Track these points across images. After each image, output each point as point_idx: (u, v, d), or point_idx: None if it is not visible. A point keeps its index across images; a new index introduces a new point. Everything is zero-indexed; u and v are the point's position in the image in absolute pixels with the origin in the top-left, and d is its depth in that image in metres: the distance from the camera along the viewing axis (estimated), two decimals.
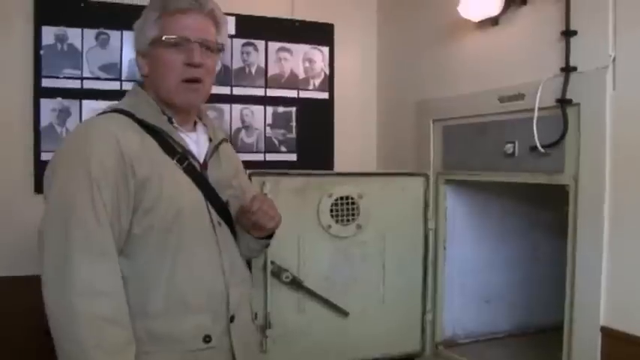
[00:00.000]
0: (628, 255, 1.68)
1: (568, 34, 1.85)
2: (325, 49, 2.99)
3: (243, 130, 2.81)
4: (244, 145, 2.81)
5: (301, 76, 2.94)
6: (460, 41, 2.39)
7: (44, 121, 2.45)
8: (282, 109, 2.90)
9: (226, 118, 2.78)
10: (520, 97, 2.03)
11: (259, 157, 2.83)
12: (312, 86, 2.97)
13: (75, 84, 2.50)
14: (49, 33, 2.45)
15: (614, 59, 1.72)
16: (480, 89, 2.25)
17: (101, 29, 2.54)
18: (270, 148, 2.87)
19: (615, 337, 1.70)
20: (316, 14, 2.93)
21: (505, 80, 2.12)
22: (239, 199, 1.58)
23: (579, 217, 1.82)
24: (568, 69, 1.85)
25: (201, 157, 1.50)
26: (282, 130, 2.90)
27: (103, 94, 2.53)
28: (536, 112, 1.92)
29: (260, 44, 2.81)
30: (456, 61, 2.43)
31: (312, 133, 2.97)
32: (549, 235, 2.62)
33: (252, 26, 2.77)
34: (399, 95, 2.90)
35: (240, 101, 2.81)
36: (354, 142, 3.05)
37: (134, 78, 2.59)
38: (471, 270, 2.57)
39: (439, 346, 2.51)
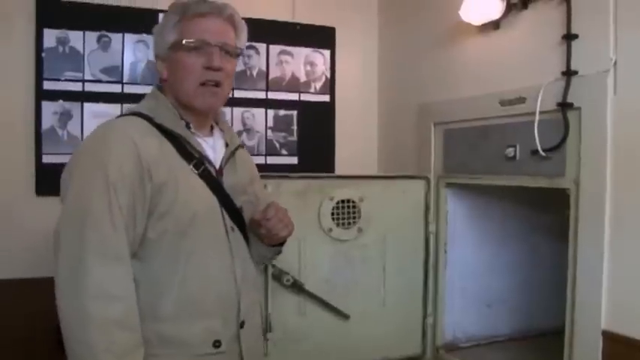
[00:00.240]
0: (629, 258, 1.68)
1: (569, 37, 1.86)
2: (326, 52, 2.99)
3: (244, 133, 2.81)
4: (245, 148, 2.80)
5: (302, 79, 2.94)
6: (461, 45, 2.39)
7: (45, 124, 2.45)
8: (283, 112, 2.90)
9: (227, 120, 2.77)
10: (521, 100, 2.03)
11: (260, 160, 2.82)
12: (313, 89, 2.97)
13: (76, 86, 2.50)
14: (50, 35, 2.46)
15: (615, 63, 1.72)
16: (481, 93, 2.25)
17: (103, 32, 2.54)
18: (271, 151, 2.87)
19: (616, 341, 1.70)
20: (317, 17, 2.93)
21: (506, 84, 2.13)
22: (253, 204, 1.58)
23: (580, 221, 1.82)
24: (569, 73, 1.85)
25: (217, 163, 1.50)
26: (283, 133, 2.90)
27: (104, 96, 2.54)
28: (538, 115, 1.92)
29: (261, 47, 2.82)
30: (457, 65, 2.43)
31: (313, 136, 2.97)
32: (550, 239, 2.62)
33: (254, 29, 2.71)
34: (400, 98, 2.90)
35: (242, 104, 2.81)
36: (355, 145, 3.05)
37: (135, 81, 2.60)
38: (472, 273, 2.57)
39: (440, 350, 2.51)
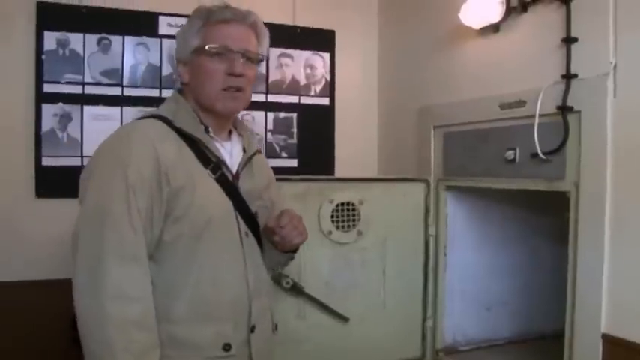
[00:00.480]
0: (629, 261, 1.68)
1: (569, 41, 1.86)
2: (326, 55, 2.99)
3: None
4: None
5: (302, 82, 2.95)
6: (461, 48, 2.40)
7: (45, 126, 2.45)
8: (283, 114, 2.90)
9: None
10: (521, 103, 2.04)
11: None
12: (313, 92, 2.97)
13: (76, 89, 2.50)
14: (50, 38, 2.46)
15: (614, 66, 1.72)
16: (481, 96, 2.25)
17: (103, 34, 2.55)
18: (271, 153, 2.87)
19: (616, 344, 1.69)
20: (317, 20, 2.94)
21: (506, 87, 2.13)
22: (268, 210, 1.60)
23: (580, 224, 1.82)
24: (569, 76, 1.85)
25: (234, 168, 1.51)
26: (283, 136, 2.90)
27: (104, 99, 2.54)
28: (537, 118, 1.92)
29: None
30: (457, 68, 2.43)
31: (313, 138, 2.97)
32: (550, 242, 2.62)
33: None
34: (400, 101, 2.91)
35: None
36: (354, 147, 3.05)
37: (135, 84, 2.60)
38: (472, 276, 2.57)
39: (439, 353, 2.50)
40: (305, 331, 2.27)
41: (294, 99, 2.93)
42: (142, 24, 2.61)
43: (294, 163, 2.92)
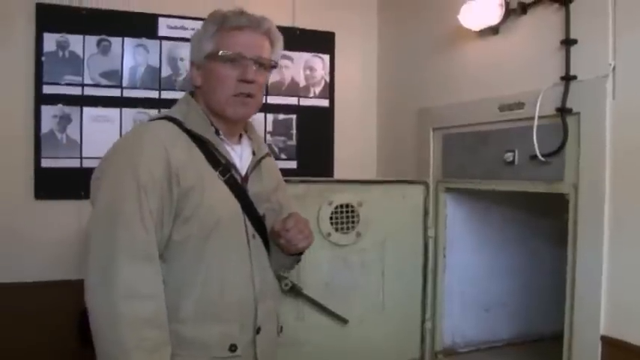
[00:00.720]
0: (628, 263, 1.68)
1: (568, 43, 1.86)
2: (326, 56, 3.00)
3: None
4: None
5: (302, 84, 2.95)
6: (460, 50, 2.40)
7: (45, 128, 2.45)
8: (282, 116, 2.91)
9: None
10: (520, 105, 2.04)
11: None
12: (312, 94, 2.97)
13: (76, 91, 2.50)
14: (50, 40, 2.46)
15: (614, 68, 1.72)
16: (480, 97, 2.25)
17: (103, 36, 2.55)
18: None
19: (615, 346, 1.69)
20: (317, 22, 2.94)
21: (505, 89, 2.13)
22: (275, 212, 1.61)
23: (579, 226, 1.82)
24: (568, 78, 1.86)
25: (243, 170, 1.52)
26: (282, 138, 2.90)
27: (103, 100, 2.54)
28: (536, 120, 1.92)
29: None
30: (456, 70, 2.44)
31: (313, 140, 2.97)
32: (549, 244, 2.62)
33: None
34: (399, 103, 2.91)
35: None
36: (354, 149, 3.05)
37: (135, 85, 2.60)
38: (471, 278, 2.57)
39: (438, 355, 2.50)
40: (304, 333, 2.27)
41: (293, 100, 2.93)
42: (142, 26, 2.61)
43: (293, 164, 2.92)
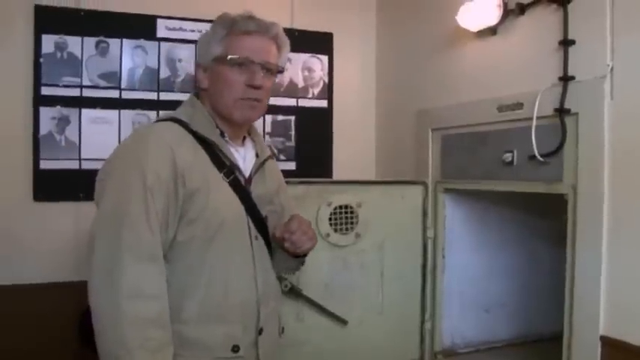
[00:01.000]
0: (627, 263, 1.68)
1: (566, 43, 1.86)
2: (324, 57, 3.00)
3: None
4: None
5: (300, 85, 2.95)
6: (459, 50, 2.40)
7: (43, 130, 2.45)
8: (281, 117, 2.91)
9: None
10: (519, 106, 2.04)
11: None
12: (311, 95, 2.97)
13: (74, 92, 2.50)
14: (48, 41, 2.46)
15: (612, 69, 1.73)
16: (479, 98, 2.26)
17: (101, 37, 2.54)
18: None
19: (615, 347, 1.69)
20: (315, 23, 2.94)
21: (504, 89, 2.13)
22: (278, 214, 1.62)
23: (578, 226, 1.82)
24: (566, 78, 1.86)
25: (247, 172, 1.53)
26: (281, 139, 2.90)
27: (102, 102, 2.54)
28: (535, 121, 1.92)
29: None
30: (455, 70, 2.44)
31: (311, 141, 2.97)
32: (548, 244, 2.62)
33: None
34: (397, 104, 2.91)
35: None
36: (352, 150, 3.05)
37: (133, 87, 2.60)
38: (470, 278, 2.57)
39: (438, 355, 2.50)
40: (303, 334, 2.27)
41: (292, 101, 2.93)
42: (140, 27, 2.61)
43: (292, 165, 2.92)
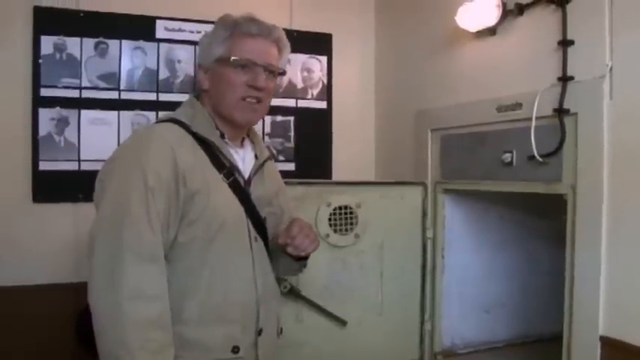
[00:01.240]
0: (627, 263, 1.68)
1: (565, 43, 1.86)
2: (323, 58, 3.00)
3: None
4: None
5: (299, 86, 2.95)
6: (458, 51, 2.40)
7: (42, 131, 2.45)
8: (280, 118, 2.90)
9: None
10: (518, 106, 2.04)
11: None
12: (310, 95, 2.97)
13: (74, 93, 2.50)
14: (48, 42, 2.46)
15: (610, 69, 1.73)
16: (478, 99, 2.26)
17: (100, 38, 2.54)
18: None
19: (614, 347, 1.69)
20: (314, 24, 2.94)
21: (503, 90, 2.13)
22: (277, 216, 1.63)
23: (577, 226, 1.82)
24: (565, 78, 1.86)
25: (246, 174, 1.54)
26: (280, 139, 2.90)
27: (101, 103, 2.54)
28: (534, 121, 1.92)
29: None
30: (454, 71, 2.44)
31: (311, 142, 2.97)
32: (548, 244, 2.62)
33: None
34: (397, 104, 2.91)
35: None
36: (352, 151, 3.05)
37: (132, 88, 2.59)
38: (470, 279, 2.57)
39: (437, 356, 2.50)
40: (303, 335, 2.27)
41: (291, 102, 2.93)
42: (140, 28, 2.60)
43: (291, 166, 2.92)
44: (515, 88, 2.07)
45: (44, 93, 2.46)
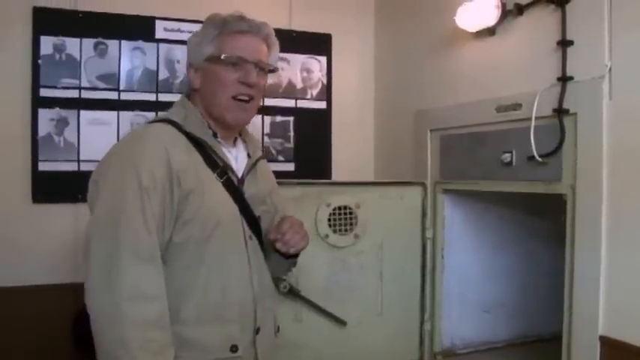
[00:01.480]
0: (626, 263, 1.68)
1: (564, 44, 1.86)
2: (323, 58, 3.00)
3: None
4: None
5: (299, 86, 2.95)
6: (457, 51, 2.40)
7: (42, 131, 2.45)
8: (280, 118, 2.90)
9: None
10: (517, 106, 2.04)
11: None
12: (309, 96, 2.97)
13: (73, 94, 2.50)
14: (47, 43, 2.46)
15: (610, 69, 1.73)
16: (478, 99, 2.26)
17: (99, 39, 2.54)
18: (268, 157, 2.86)
19: (614, 347, 1.69)
20: (314, 24, 2.94)
21: (502, 90, 2.13)
22: (271, 215, 1.63)
23: (577, 226, 1.82)
24: (565, 79, 1.86)
25: (240, 173, 1.54)
26: (279, 140, 2.90)
27: (101, 103, 2.54)
28: (534, 121, 1.93)
29: None
30: (454, 71, 2.44)
31: (310, 142, 2.97)
32: (547, 244, 2.62)
33: None
34: (396, 104, 2.91)
35: None
36: (351, 151, 3.05)
37: (132, 88, 2.59)
38: (469, 279, 2.57)
39: (437, 356, 2.50)
40: (302, 335, 2.26)
41: (290, 103, 2.93)
42: (139, 28, 2.61)
43: (291, 166, 2.92)
44: (515, 88, 2.07)
45: (44, 93, 2.46)
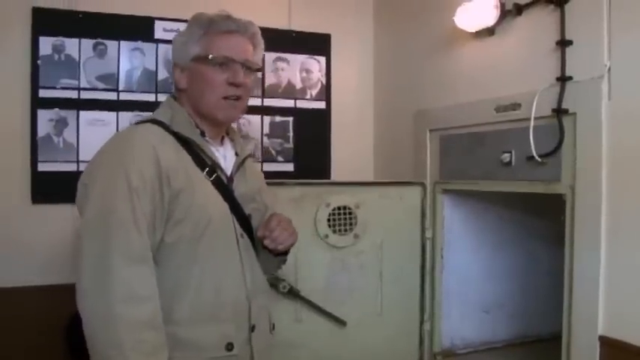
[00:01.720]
0: (626, 263, 1.68)
1: (563, 44, 1.86)
2: (322, 58, 3.00)
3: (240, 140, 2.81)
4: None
5: (298, 86, 2.95)
6: (457, 51, 2.40)
7: (41, 132, 2.45)
8: (279, 118, 2.90)
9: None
10: (516, 106, 2.04)
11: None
12: (309, 96, 2.97)
13: (72, 94, 2.50)
14: (46, 43, 2.46)
15: (609, 69, 1.73)
16: (477, 99, 2.26)
17: (98, 39, 2.54)
18: (268, 157, 2.87)
19: (613, 346, 1.69)
20: (313, 24, 2.94)
21: (501, 90, 2.13)
22: (261, 212, 1.63)
23: (576, 226, 1.82)
24: (564, 79, 1.86)
25: (229, 171, 1.54)
26: (279, 140, 2.90)
27: (100, 104, 2.54)
28: (533, 121, 1.93)
29: None
30: (453, 71, 2.44)
31: (309, 142, 2.97)
32: (547, 244, 2.62)
33: None
34: (395, 104, 2.91)
35: None
36: (351, 151, 3.05)
37: (131, 88, 2.59)
38: (469, 279, 2.57)
39: (437, 356, 2.50)
40: (302, 336, 2.26)
41: (290, 103, 2.93)
42: (138, 29, 2.60)
43: (290, 167, 2.92)
44: (514, 88, 2.07)
45: (43, 94, 2.46)
